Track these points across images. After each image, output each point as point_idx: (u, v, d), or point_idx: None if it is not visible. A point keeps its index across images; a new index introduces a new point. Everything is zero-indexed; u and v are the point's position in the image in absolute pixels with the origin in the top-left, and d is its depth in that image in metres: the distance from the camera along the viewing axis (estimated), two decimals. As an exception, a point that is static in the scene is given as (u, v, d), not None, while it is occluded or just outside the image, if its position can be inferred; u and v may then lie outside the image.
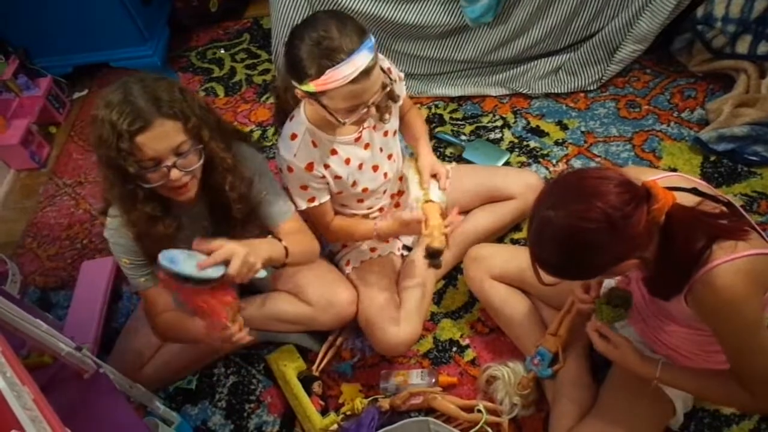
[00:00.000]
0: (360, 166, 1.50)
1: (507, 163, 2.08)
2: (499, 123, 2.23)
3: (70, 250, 2.22)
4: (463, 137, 2.21)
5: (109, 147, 1.17)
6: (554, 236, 1.01)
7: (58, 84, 2.78)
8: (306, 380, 1.63)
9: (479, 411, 1.48)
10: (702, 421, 1.41)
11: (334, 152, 1.45)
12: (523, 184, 1.73)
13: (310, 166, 1.43)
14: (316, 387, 1.62)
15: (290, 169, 1.43)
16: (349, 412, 1.57)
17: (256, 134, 2.45)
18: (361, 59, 1.17)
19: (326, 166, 1.45)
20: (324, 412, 1.59)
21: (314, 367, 1.67)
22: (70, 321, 1.85)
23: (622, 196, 0.97)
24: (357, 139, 1.47)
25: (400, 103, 1.56)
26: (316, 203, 1.50)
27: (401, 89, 1.55)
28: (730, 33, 2.00)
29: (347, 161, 1.48)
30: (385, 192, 1.65)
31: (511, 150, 2.12)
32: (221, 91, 2.71)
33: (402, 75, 1.55)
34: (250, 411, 1.66)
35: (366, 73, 1.19)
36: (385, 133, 1.54)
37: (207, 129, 1.26)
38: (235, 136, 1.43)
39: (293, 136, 1.41)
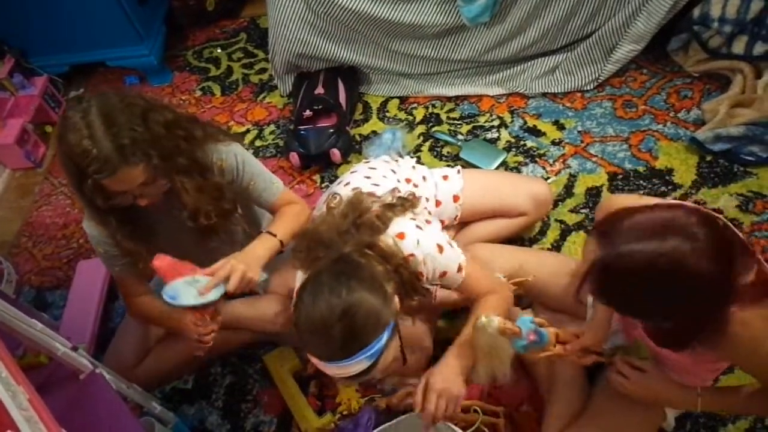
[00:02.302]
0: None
1: (504, 163, 2.08)
2: (496, 123, 2.23)
3: (65, 250, 2.22)
4: (460, 137, 2.21)
5: (73, 176, 1.22)
6: (686, 270, 0.88)
7: (54, 83, 2.77)
8: (303, 380, 1.63)
9: (475, 411, 1.48)
10: (698, 421, 1.41)
11: None
12: (533, 201, 1.68)
13: None
14: (313, 387, 1.62)
15: None
16: (345, 412, 1.56)
17: (253, 133, 2.45)
18: (358, 365, 1.05)
19: None
20: (320, 412, 1.58)
21: (308, 365, 1.67)
22: (66, 321, 1.84)
23: (735, 251, 0.91)
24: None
25: (457, 285, 1.33)
26: None
27: (452, 280, 1.31)
28: (726, 33, 2.00)
29: None
30: None
31: (507, 150, 2.12)
32: (218, 90, 2.71)
33: (458, 266, 1.29)
34: (246, 411, 1.66)
35: (367, 371, 1.07)
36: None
37: (172, 159, 1.28)
38: (210, 139, 1.40)
39: None
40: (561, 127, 2.16)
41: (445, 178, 1.65)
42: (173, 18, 2.96)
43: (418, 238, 1.24)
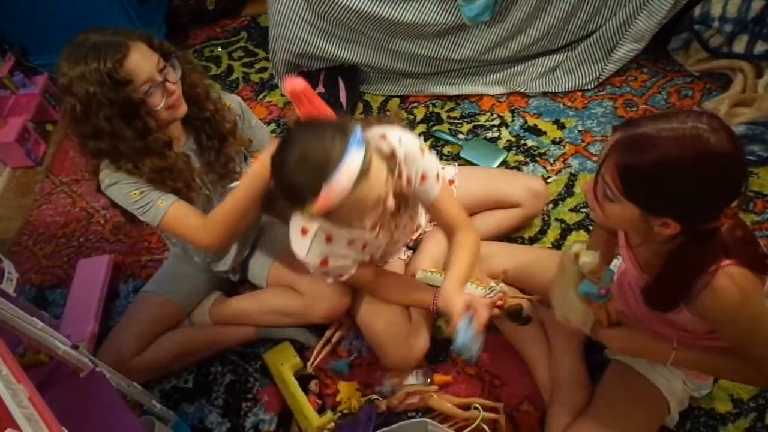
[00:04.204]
0: (378, 247, 1.44)
1: (504, 162, 2.08)
2: (496, 122, 2.23)
3: (66, 248, 2.22)
4: (460, 136, 2.21)
5: (106, 89, 1.23)
6: (705, 149, 0.90)
7: (54, 81, 2.77)
8: (303, 379, 1.63)
9: (476, 408, 1.48)
10: (698, 420, 1.41)
11: (351, 243, 1.34)
12: (528, 192, 1.71)
13: (324, 262, 1.31)
14: (313, 385, 1.62)
15: (305, 263, 1.32)
16: (346, 411, 1.57)
17: (254, 132, 2.45)
18: (353, 161, 1.02)
19: (342, 256, 1.35)
20: (321, 410, 1.58)
21: (308, 364, 1.67)
22: (66, 319, 1.84)
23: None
24: (377, 235, 1.37)
25: (433, 198, 1.35)
26: (345, 277, 1.39)
27: (430, 189, 1.32)
28: (727, 32, 2.00)
29: (364, 246, 1.38)
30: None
31: (508, 149, 2.12)
32: (219, 89, 2.70)
33: (430, 172, 1.30)
34: (246, 409, 1.66)
35: (364, 173, 1.03)
36: (411, 217, 1.48)
37: (167, 44, 1.35)
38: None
39: (303, 231, 1.27)
40: (561, 127, 2.16)
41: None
42: (174, 16, 2.96)
43: (401, 136, 1.24)
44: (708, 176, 0.92)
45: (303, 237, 1.28)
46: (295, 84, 1.17)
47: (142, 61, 1.25)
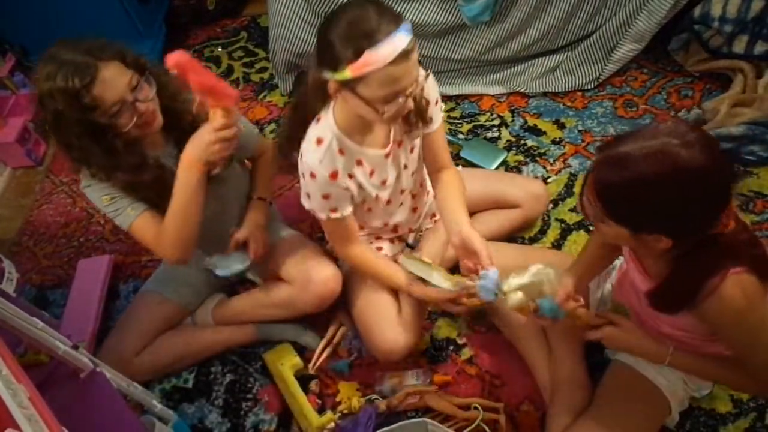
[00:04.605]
0: (383, 182, 1.45)
1: (504, 162, 2.08)
2: (496, 122, 2.23)
3: (66, 249, 2.22)
4: (460, 136, 2.21)
5: (74, 110, 1.23)
6: (676, 165, 0.91)
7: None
8: (303, 379, 1.63)
9: (476, 408, 1.49)
10: (698, 420, 1.41)
11: (359, 163, 1.38)
12: (528, 193, 1.71)
13: (334, 175, 1.33)
14: (314, 385, 1.62)
15: (312, 176, 1.33)
16: (346, 411, 1.57)
17: (254, 132, 2.45)
18: (400, 40, 1.10)
19: (350, 176, 1.38)
20: (321, 410, 1.59)
21: (310, 365, 1.67)
22: (67, 319, 1.84)
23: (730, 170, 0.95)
24: (387, 155, 1.40)
25: (434, 129, 1.45)
26: (338, 215, 1.40)
27: (437, 116, 1.44)
28: (727, 33, 2.00)
29: (371, 173, 1.41)
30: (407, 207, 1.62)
31: (508, 149, 2.12)
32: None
33: (439, 99, 1.44)
34: (247, 409, 1.66)
35: (405, 55, 1.11)
36: (411, 150, 1.48)
37: (143, 59, 1.34)
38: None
39: (319, 141, 1.32)
40: (561, 127, 2.16)
41: None
42: (174, 16, 2.96)
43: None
44: (685, 191, 0.92)
45: (318, 146, 1.32)
46: (176, 57, 1.21)
47: (111, 82, 1.25)
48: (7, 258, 2.14)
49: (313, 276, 1.55)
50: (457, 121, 2.28)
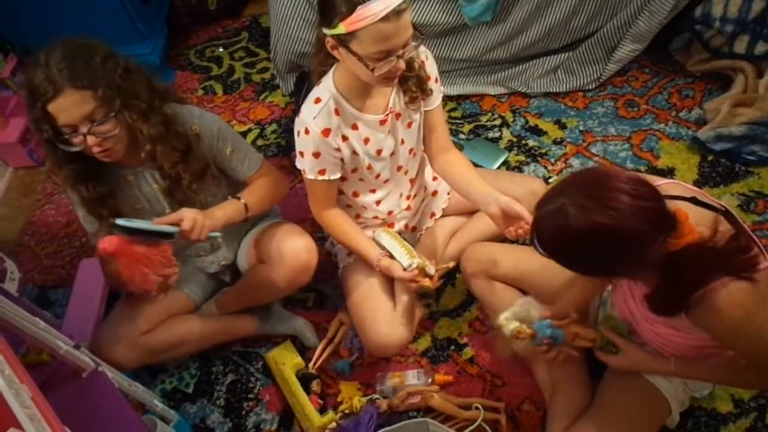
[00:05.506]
0: (378, 153, 1.47)
1: (505, 162, 2.08)
2: (497, 122, 2.24)
3: (68, 248, 2.22)
4: (462, 136, 2.21)
5: (31, 110, 1.26)
6: (565, 228, 0.97)
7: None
8: (304, 378, 1.63)
9: (477, 408, 1.49)
10: (699, 420, 1.41)
11: (354, 127, 1.41)
12: (528, 190, 1.70)
13: (326, 132, 1.37)
14: (315, 385, 1.62)
15: (306, 131, 1.37)
16: (347, 411, 1.57)
17: (255, 132, 2.45)
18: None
19: (344, 138, 1.41)
20: (322, 410, 1.59)
21: (311, 365, 1.67)
22: (69, 319, 1.84)
23: (646, 217, 0.93)
24: (382, 122, 1.42)
25: (434, 106, 1.50)
26: (325, 177, 1.43)
27: (437, 93, 1.48)
28: (728, 33, 2.00)
29: (366, 140, 1.43)
30: (400, 194, 1.63)
31: (509, 149, 2.12)
32: (220, 89, 2.71)
33: (438, 78, 1.48)
34: (248, 409, 1.66)
35: (397, 13, 1.15)
36: (409, 125, 1.50)
37: (122, 98, 1.29)
38: (176, 99, 1.47)
39: (317, 100, 1.37)
40: (563, 127, 2.16)
41: None
42: (175, 17, 2.97)
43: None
44: (587, 245, 0.97)
45: (315, 104, 1.37)
46: (106, 244, 1.23)
47: (66, 110, 1.23)
48: (9, 258, 2.15)
49: (283, 249, 1.54)
50: (458, 121, 2.28)
